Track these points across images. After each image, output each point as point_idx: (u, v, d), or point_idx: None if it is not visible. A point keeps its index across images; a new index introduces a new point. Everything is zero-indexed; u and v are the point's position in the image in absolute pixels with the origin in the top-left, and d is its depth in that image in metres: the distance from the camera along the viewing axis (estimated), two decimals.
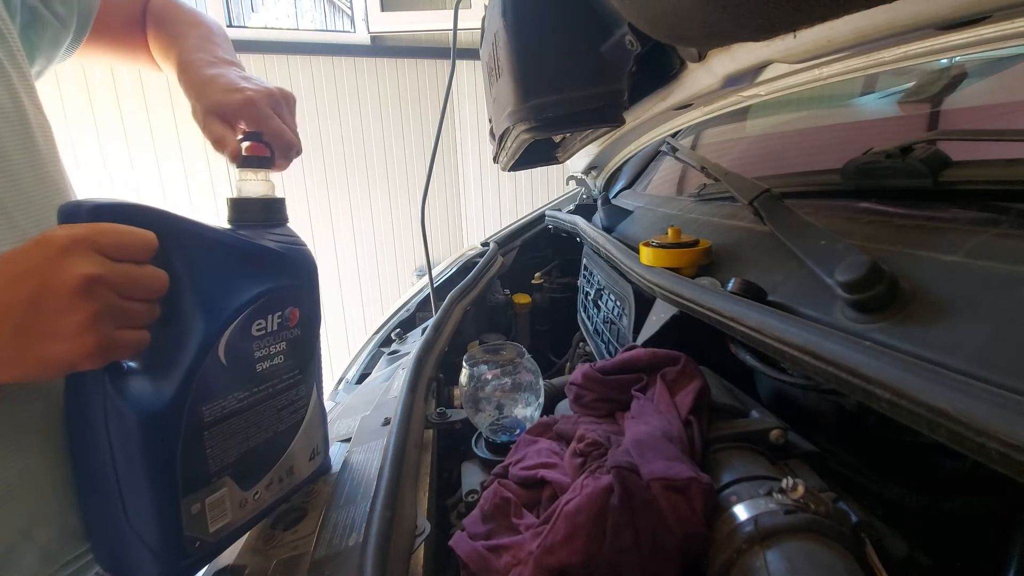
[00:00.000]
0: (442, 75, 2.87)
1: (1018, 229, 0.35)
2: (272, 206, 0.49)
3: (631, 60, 0.55)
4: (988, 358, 0.28)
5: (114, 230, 0.35)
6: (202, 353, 0.40)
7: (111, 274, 0.34)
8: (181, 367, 0.39)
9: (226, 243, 0.43)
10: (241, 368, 0.44)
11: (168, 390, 0.38)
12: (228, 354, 0.42)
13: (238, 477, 0.44)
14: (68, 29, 0.55)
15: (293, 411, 0.50)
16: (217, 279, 0.42)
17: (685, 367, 0.49)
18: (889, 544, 0.35)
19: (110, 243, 0.34)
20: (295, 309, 0.48)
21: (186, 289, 0.39)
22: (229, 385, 0.43)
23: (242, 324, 0.43)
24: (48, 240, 0.33)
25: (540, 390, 0.64)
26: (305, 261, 0.50)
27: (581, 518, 0.36)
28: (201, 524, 0.42)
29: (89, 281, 0.33)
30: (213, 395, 0.41)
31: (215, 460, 0.42)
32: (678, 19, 0.36)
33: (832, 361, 0.32)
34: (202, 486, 0.41)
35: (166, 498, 0.39)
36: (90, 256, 0.33)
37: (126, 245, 0.35)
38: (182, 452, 0.39)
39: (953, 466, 0.39)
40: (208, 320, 0.40)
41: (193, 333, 0.40)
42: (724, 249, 0.63)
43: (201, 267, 0.40)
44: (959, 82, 0.62)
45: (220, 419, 0.42)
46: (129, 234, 0.35)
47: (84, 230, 0.34)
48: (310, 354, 0.52)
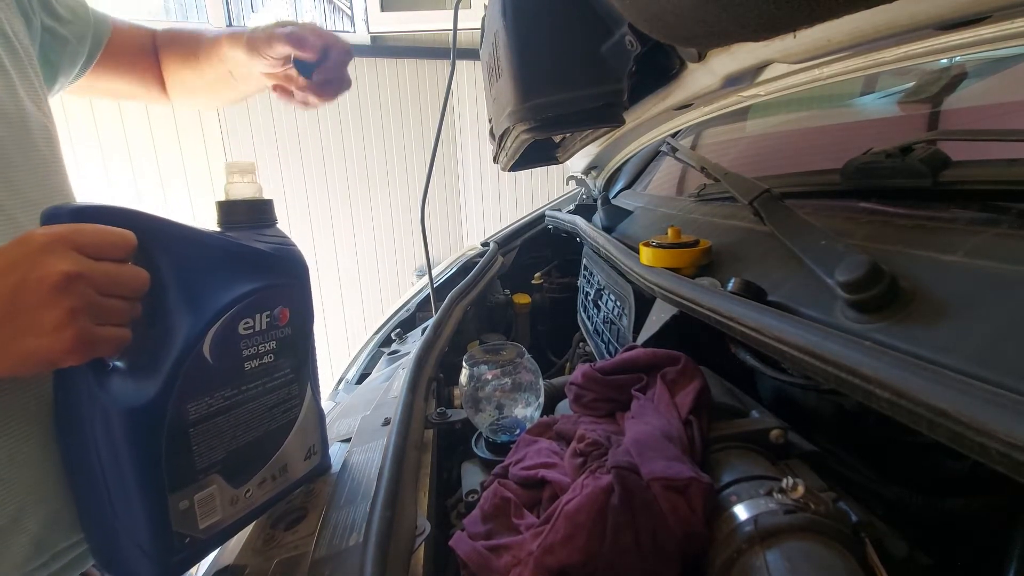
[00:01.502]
0: (442, 75, 2.87)
1: (1018, 229, 0.35)
2: (260, 207, 0.50)
3: (631, 60, 0.55)
4: (988, 358, 0.28)
5: (93, 229, 0.36)
6: (186, 351, 0.40)
7: (90, 271, 0.34)
8: (165, 365, 0.39)
9: (210, 244, 0.44)
10: (228, 366, 0.44)
11: (152, 387, 0.39)
12: (214, 352, 0.42)
13: (228, 474, 0.45)
14: (84, 47, 0.59)
15: (285, 410, 0.50)
16: (201, 279, 0.42)
17: (685, 367, 0.49)
18: (889, 544, 0.35)
19: (89, 242, 0.35)
20: (284, 309, 0.49)
21: (169, 288, 0.40)
22: (215, 383, 0.43)
23: (228, 323, 0.43)
24: (29, 239, 0.34)
25: (540, 390, 0.64)
26: (295, 261, 0.50)
27: (581, 518, 0.36)
28: (190, 521, 0.42)
29: (68, 278, 0.34)
30: (199, 392, 0.42)
31: (202, 457, 0.43)
32: (678, 19, 0.36)
33: (832, 361, 0.32)
34: (190, 483, 0.42)
35: (152, 494, 0.39)
36: (69, 254, 0.34)
37: (105, 244, 0.36)
38: (168, 449, 0.40)
39: (953, 466, 0.39)
40: (192, 319, 0.41)
41: (177, 331, 0.40)
42: (724, 249, 0.63)
43: (184, 267, 0.41)
44: (959, 82, 0.62)
45: (206, 416, 0.42)
46: (108, 233, 0.36)
47: (64, 229, 0.35)
48: (303, 353, 0.52)
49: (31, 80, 0.48)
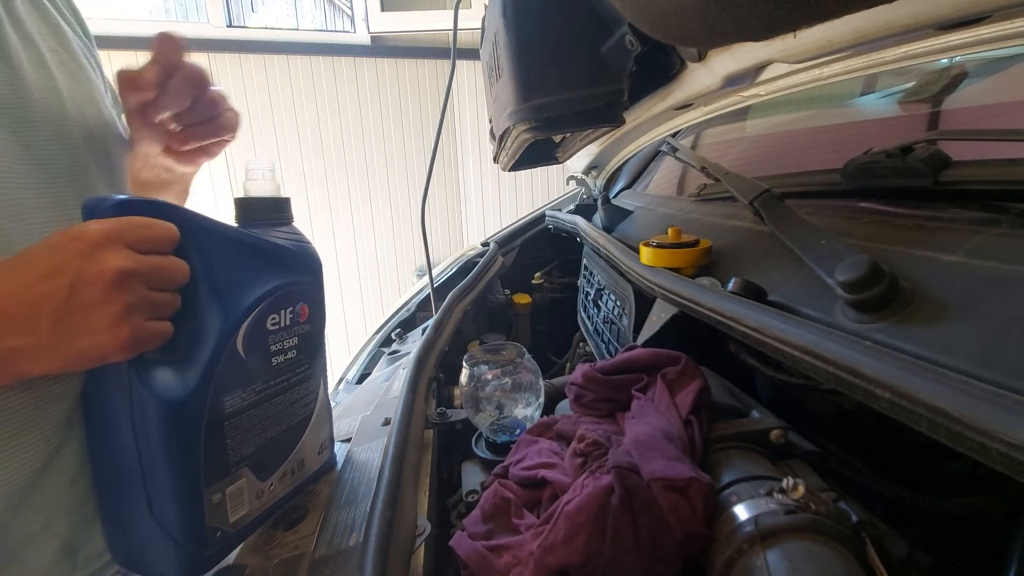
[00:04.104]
0: (442, 75, 2.87)
1: (1018, 229, 0.35)
2: (279, 205, 0.50)
3: (631, 60, 0.55)
4: (988, 358, 0.28)
5: (140, 224, 0.36)
6: (222, 344, 0.41)
7: (142, 266, 0.35)
8: (203, 357, 0.40)
9: (239, 239, 0.44)
10: (258, 361, 0.44)
11: (191, 380, 0.39)
12: (246, 347, 0.43)
13: (255, 468, 0.45)
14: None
15: (304, 405, 0.51)
16: (233, 273, 0.43)
17: (685, 367, 0.49)
18: (889, 544, 0.35)
19: (138, 237, 0.35)
20: (304, 305, 0.49)
21: (204, 281, 0.40)
22: (247, 377, 0.44)
23: (258, 318, 0.44)
24: (82, 234, 0.34)
25: (540, 390, 0.64)
26: (312, 258, 0.51)
27: (581, 518, 0.36)
28: (222, 514, 0.42)
29: (123, 274, 0.34)
30: (233, 386, 0.42)
31: (235, 451, 0.43)
32: (678, 19, 0.36)
33: (832, 361, 0.32)
34: (223, 476, 0.42)
35: (190, 488, 0.40)
36: (122, 250, 0.34)
37: (153, 238, 0.36)
38: (204, 442, 0.40)
39: (953, 466, 0.39)
40: (226, 313, 0.41)
41: (212, 325, 0.41)
42: (724, 249, 0.63)
43: (217, 261, 0.42)
44: (959, 82, 0.62)
45: (240, 410, 0.43)
46: (154, 227, 0.37)
47: (114, 225, 0.35)
48: (318, 349, 0.53)
49: (98, 81, 0.48)
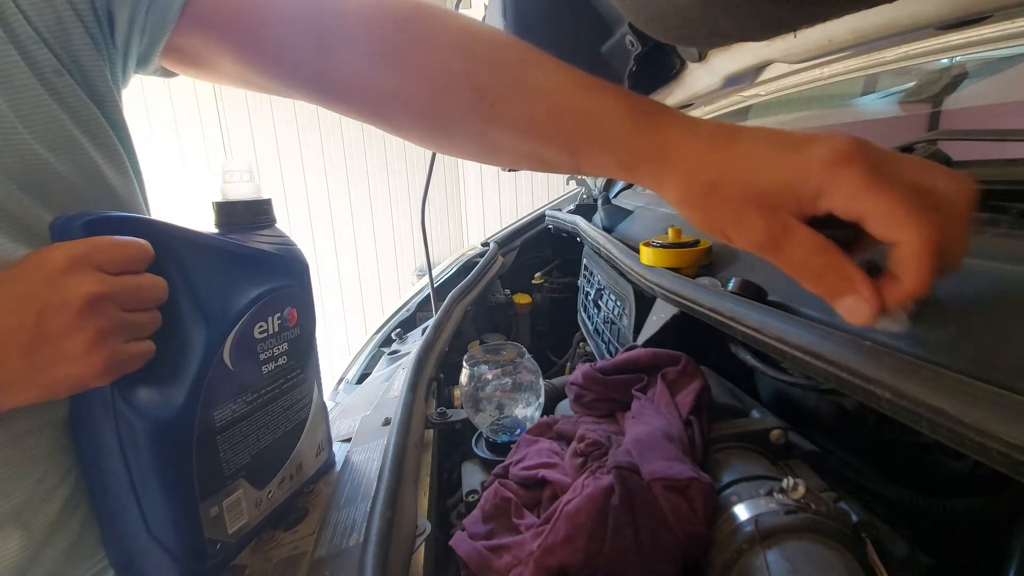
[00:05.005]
0: None
1: (1018, 229, 0.35)
2: (259, 207, 0.49)
3: (631, 60, 0.55)
4: (988, 358, 0.28)
5: (110, 243, 0.34)
6: (208, 359, 0.40)
7: (113, 289, 0.33)
8: (189, 373, 0.39)
9: (220, 248, 0.43)
10: (248, 371, 0.44)
11: (178, 398, 0.38)
12: (234, 358, 0.42)
13: (252, 478, 0.45)
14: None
15: (298, 409, 0.50)
16: (215, 284, 0.41)
17: (685, 367, 0.49)
18: (890, 544, 0.35)
19: (108, 258, 0.33)
20: (293, 309, 0.48)
21: (185, 296, 0.39)
22: (238, 389, 0.43)
23: (244, 327, 0.43)
24: (45, 261, 0.32)
25: (540, 390, 0.64)
26: (297, 261, 0.50)
27: (582, 518, 0.36)
28: (220, 526, 0.42)
29: (92, 299, 0.32)
30: (223, 399, 0.41)
31: (229, 463, 0.42)
32: (678, 19, 0.36)
33: (832, 361, 0.32)
34: (219, 489, 0.42)
35: (185, 505, 0.39)
36: (90, 273, 0.32)
37: (124, 258, 0.34)
38: (197, 457, 0.39)
39: (954, 466, 0.39)
40: (210, 326, 0.40)
41: (197, 340, 0.40)
42: (724, 249, 0.63)
43: (198, 273, 0.40)
44: (959, 82, 0.62)
45: (232, 422, 0.42)
46: (126, 246, 0.35)
47: (81, 247, 0.33)
48: (309, 352, 0.52)
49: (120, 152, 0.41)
